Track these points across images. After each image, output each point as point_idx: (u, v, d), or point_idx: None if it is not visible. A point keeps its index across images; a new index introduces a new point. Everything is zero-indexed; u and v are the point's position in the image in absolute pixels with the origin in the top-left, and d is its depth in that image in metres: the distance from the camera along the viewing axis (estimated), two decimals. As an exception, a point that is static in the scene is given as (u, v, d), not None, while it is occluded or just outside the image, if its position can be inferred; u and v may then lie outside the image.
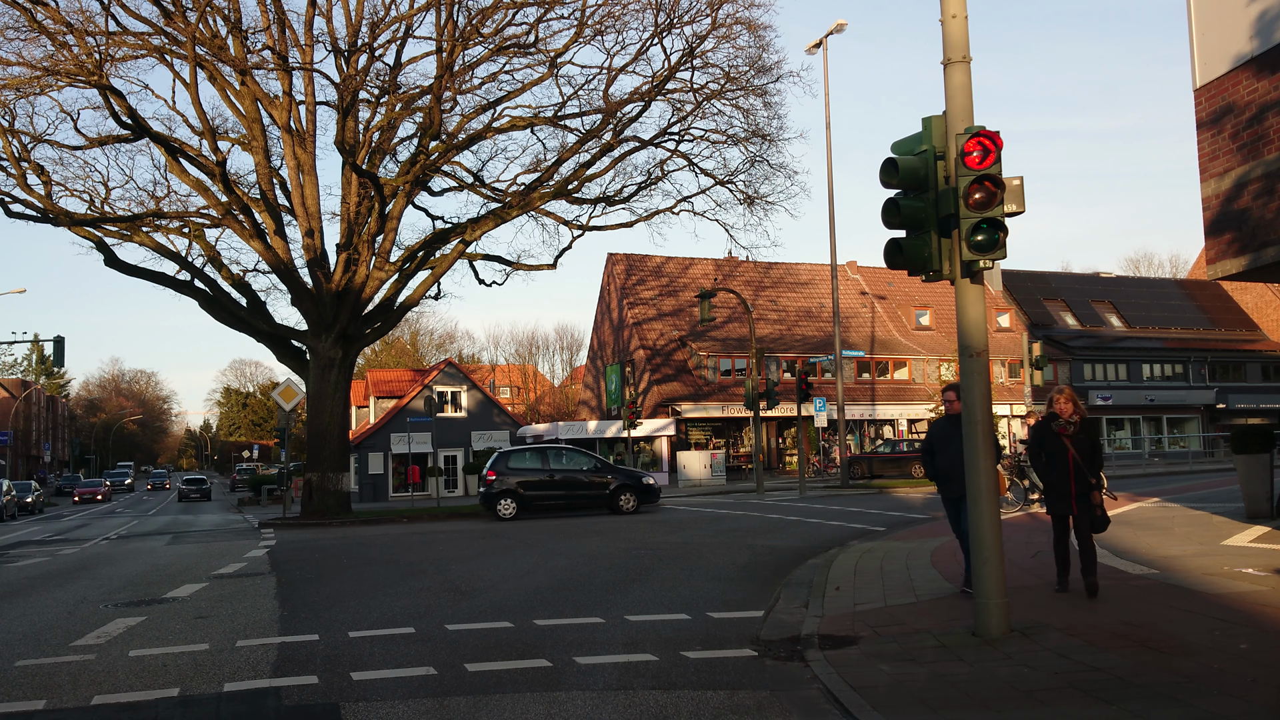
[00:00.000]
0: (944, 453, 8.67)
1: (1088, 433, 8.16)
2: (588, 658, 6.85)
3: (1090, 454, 8.10)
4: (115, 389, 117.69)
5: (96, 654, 7.64)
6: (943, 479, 8.96)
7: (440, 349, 74.74)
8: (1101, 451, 8.26)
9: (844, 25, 32.07)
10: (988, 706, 5.23)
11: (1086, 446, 8.12)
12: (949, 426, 8.57)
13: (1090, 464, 8.09)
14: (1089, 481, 8.03)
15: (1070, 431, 8.15)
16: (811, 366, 40.18)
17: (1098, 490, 8.10)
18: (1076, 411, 8.18)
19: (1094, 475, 8.07)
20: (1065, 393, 8.30)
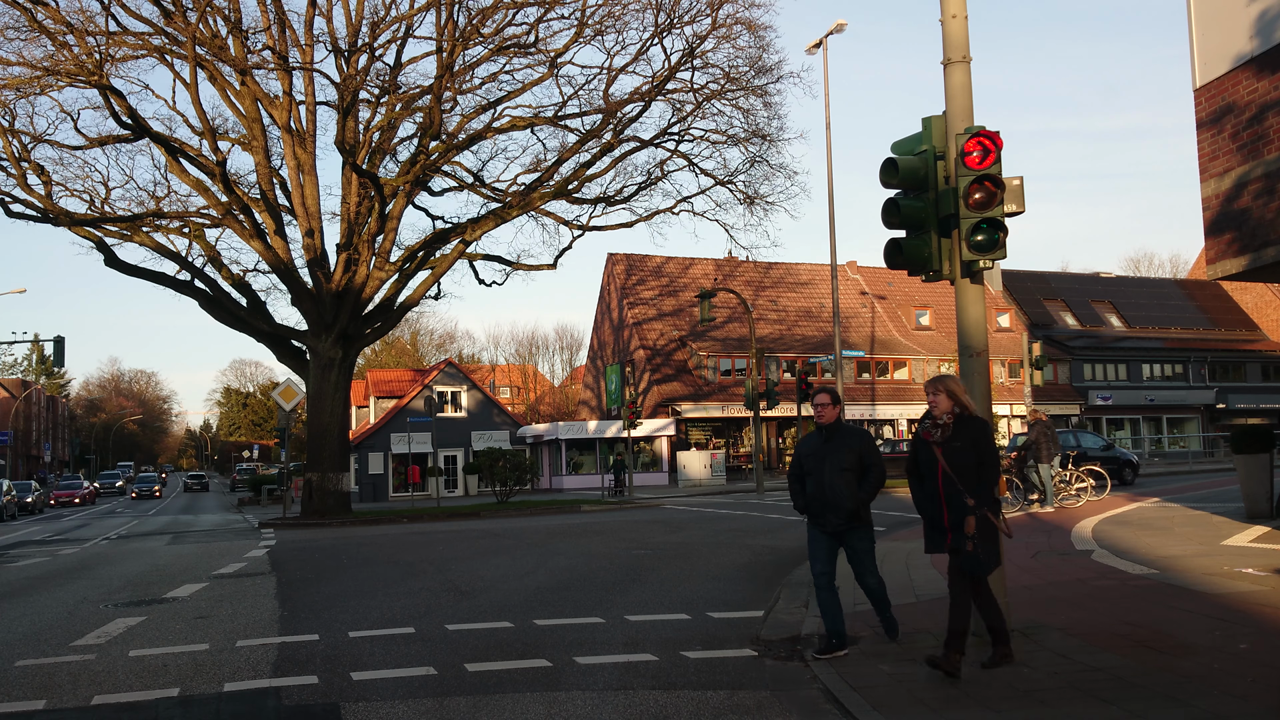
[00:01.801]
0: (815, 475, 6.76)
1: (967, 437, 6.03)
2: (588, 658, 6.84)
3: (973, 466, 6.00)
4: (115, 389, 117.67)
5: (96, 654, 7.64)
6: (814, 509, 6.81)
7: (440, 349, 74.76)
8: (993, 462, 6.05)
9: (844, 25, 32.00)
10: (988, 706, 5.23)
11: (965, 456, 5.99)
12: (819, 442, 6.85)
13: (970, 479, 5.97)
14: (964, 503, 5.90)
15: (938, 436, 6.08)
16: (811, 366, 40.18)
17: (973, 515, 5.90)
18: (956, 407, 6.15)
19: (973, 494, 5.93)
20: (943, 385, 6.17)
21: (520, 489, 32.71)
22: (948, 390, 6.14)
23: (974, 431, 6.08)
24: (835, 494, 6.61)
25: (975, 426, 6.12)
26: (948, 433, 6.09)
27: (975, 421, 6.15)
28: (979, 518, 5.91)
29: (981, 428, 6.17)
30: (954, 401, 6.13)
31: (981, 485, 5.99)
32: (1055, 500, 17.21)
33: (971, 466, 5.98)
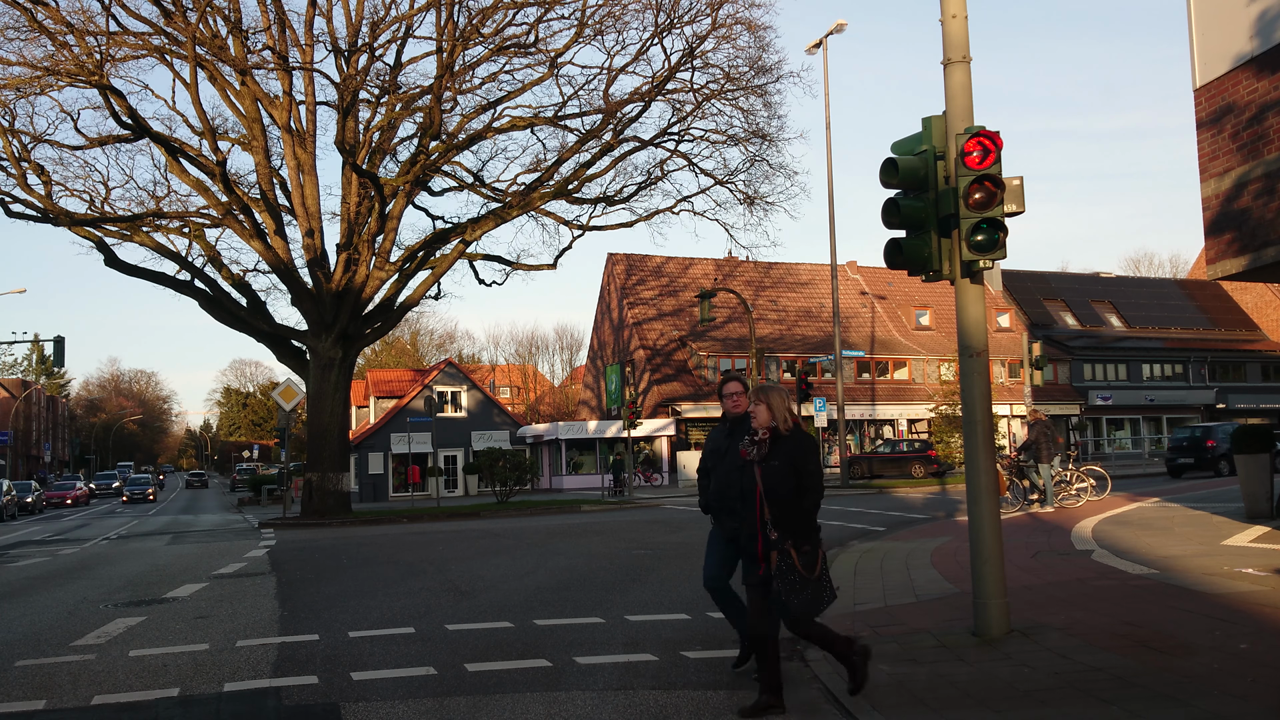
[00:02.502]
0: (718, 471, 6.29)
1: (784, 456, 5.27)
2: (588, 658, 6.85)
3: (789, 491, 5.23)
4: (115, 389, 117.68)
5: (96, 654, 7.64)
6: (715, 507, 6.45)
7: (440, 349, 74.79)
8: (813, 486, 5.30)
9: (844, 25, 32.05)
10: (988, 706, 5.23)
11: (781, 479, 5.23)
12: (722, 437, 6.33)
13: (781, 506, 5.21)
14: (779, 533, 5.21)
15: (754, 455, 5.35)
16: (811, 366, 40.17)
17: (776, 549, 5.19)
18: (774, 417, 5.37)
19: (778, 524, 5.20)
20: (764, 394, 5.42)
21: (520, 489, 32.71)
22: (768, 401, 5.38)
23: (792, 449, 5.29)
24: (732, 494, 5.86)
25: (794, 444, 5.31)
26: (764, 450, 5.33)
27: (796, 438, 5.35)
28: (781, 553, 5.18)
29: (802, 445, 5.34)
30: (773, 415, 5.36)
31: (792, 514, 5.23)
32: (1055, 500, 17.21)
33: (788, 491, 5.22)
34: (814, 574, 5.21)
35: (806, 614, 5.24)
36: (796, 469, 5.26)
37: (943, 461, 36.15)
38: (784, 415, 5.38)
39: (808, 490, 5.29)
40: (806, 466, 5.30)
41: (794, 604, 5.17)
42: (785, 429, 5.36)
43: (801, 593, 5.18)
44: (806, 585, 5.19)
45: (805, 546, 5.23)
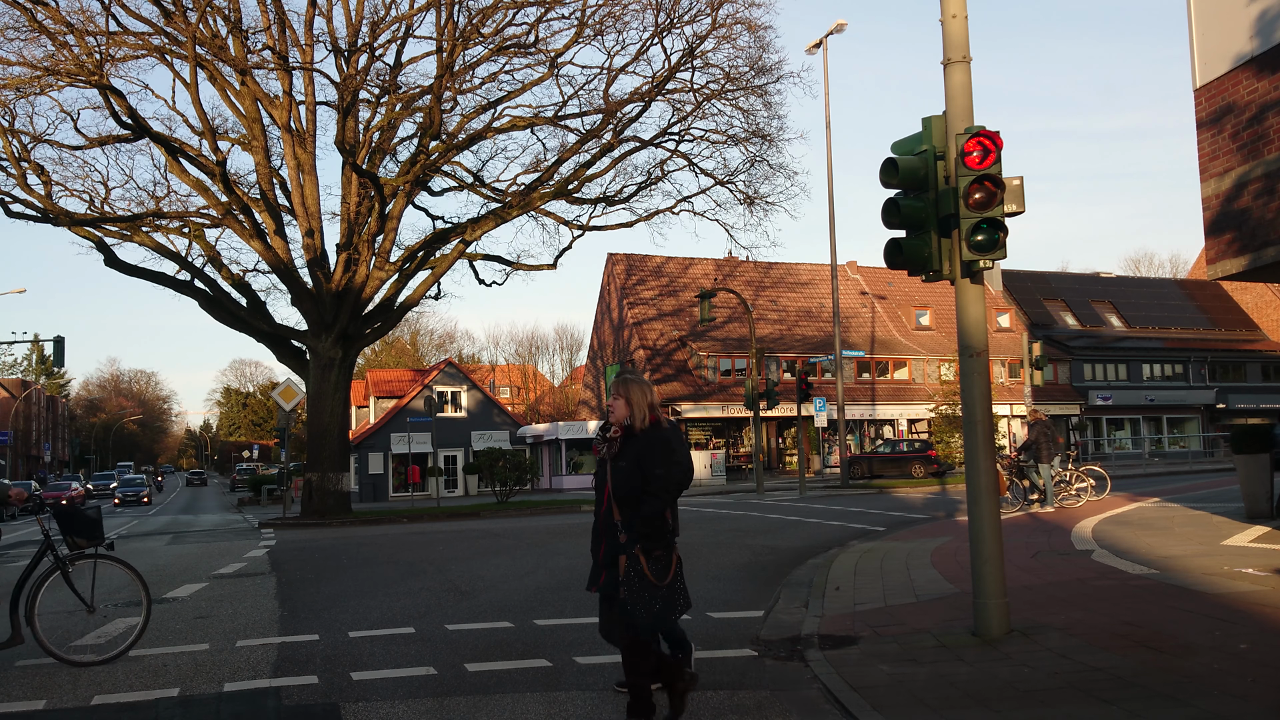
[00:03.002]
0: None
1: (632, 454, 4.98)
2: (588, 658, 6.84)
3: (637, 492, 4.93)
4: (115, 389, 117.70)
5: (96, 654, 7.63)
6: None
7: (440, 349, 74.81)
8: (661, 489, 4.92)
9: (844, 25, 32.07)
10: (988, 706, 5.23)
11: (630, 479, 4.95)
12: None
13: (631, 508, 4.93)
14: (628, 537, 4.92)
15: (604, 451, 5.11)
16: (811, 366, 40.19)
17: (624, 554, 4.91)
18: (632, 412, 5.07)
19: (628, 527, 4.91)
20: (624, 387, 5.14)
21: (520, 489, 32.70)
22: (626, 395, 5.07)
23: (642, 448, 4.95)
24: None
25: (646, 441, 4.98)
26: (614, 449, 5.04)
27: (647, 436, 5.01)
28: (629, 558, 4.87)
29: (651, 444, 4.98)
30: (631, 410, 5.04)
31: (639, 517, 4.87)
32: (1055, 500, 17.21)
33: (635, 493, 4.90)
34: (664, 581, 4.92)
35: (655, 625, 4.94)
36: (642, 468, 4.93)
37: (943, 461, 36.16)
38: (643, 411, 5.06)
39: (650, 494, 4.91)
40: (652, 468, 4.93)
41: (640, 614, 4.87)
42: (641, 426, 5.04)
43: (650, 602, 4.88)
44: (656, 594, 4.89)
45: (656, 552, 4.91)
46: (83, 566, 7.41)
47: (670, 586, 4.96)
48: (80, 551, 7.35)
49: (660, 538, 4.94)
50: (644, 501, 4.89)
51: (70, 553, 7.34)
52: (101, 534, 7.42)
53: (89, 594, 7.39)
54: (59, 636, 8.25)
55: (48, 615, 9.87)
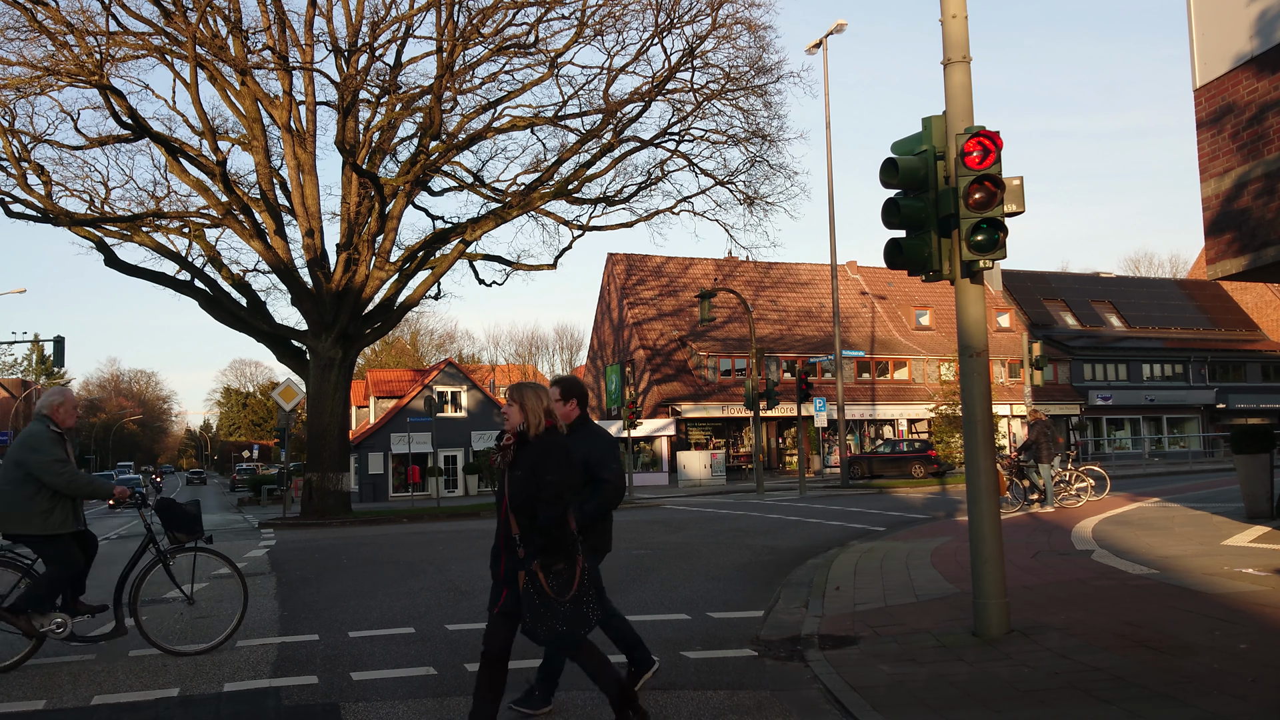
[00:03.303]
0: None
1: (527, 463, 4.78)
2: (588, 658, 6.84)
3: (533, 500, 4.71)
4: (115, 389, 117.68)
5: (96, 654, 7.65)
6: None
7: (440, 349, 74.78)
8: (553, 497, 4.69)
9: (844, 25, 32.09)
10: (988, 706, 5.23)
11: (525, 488, 4.75)
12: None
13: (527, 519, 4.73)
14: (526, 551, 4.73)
15: (499, 461, 4.90)
16: (811, 366, 40.20)
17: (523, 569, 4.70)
18: (526, 419, 4.86)
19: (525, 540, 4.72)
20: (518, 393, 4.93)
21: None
22: (521, 401, 4.89)
23: (536, 455, 4.76)
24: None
25: (540, 448, 4.79)
26: (508, 456, 4.84)
27: (540, 443, 4.82)
28: (528, 574, 4.68)
29: (546, 451, 4.79)
30: (525, 416, 4.85)
31: (537, 527, 4.66)
32: (1055, 500, 17.21)
33: (531, 502, 4.71)
34: (567, 597, 4.69)
35: (559, 644, 4.75)
36: (537, 477, 4.72)
37: (943, 461, 36.17)
38: (538, 417, 4.87)
39: (543, 502, 4.68)
40: (544, 476, 4.70)
41: (541, 633, 4.68)
42: (535, 432, 4.85)
43: (551, 620, 4.66)
44: (558, 612, 4.67)
45: (557, 565, 4.69)
46: (183, 560, 7.66)
47: (575, 601, 4.72)
48: (180, 545, 7.57)
49: (560, 550, 4.72)
50: (539, 511, 4.68)
51: (171, 546, 7.57)
52: (201, 528, 7.65)
53: (189, 586, 7.68)
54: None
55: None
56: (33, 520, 7.05)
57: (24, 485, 7.02)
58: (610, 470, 5.48)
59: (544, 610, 4.66)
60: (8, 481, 7.05)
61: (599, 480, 5.43)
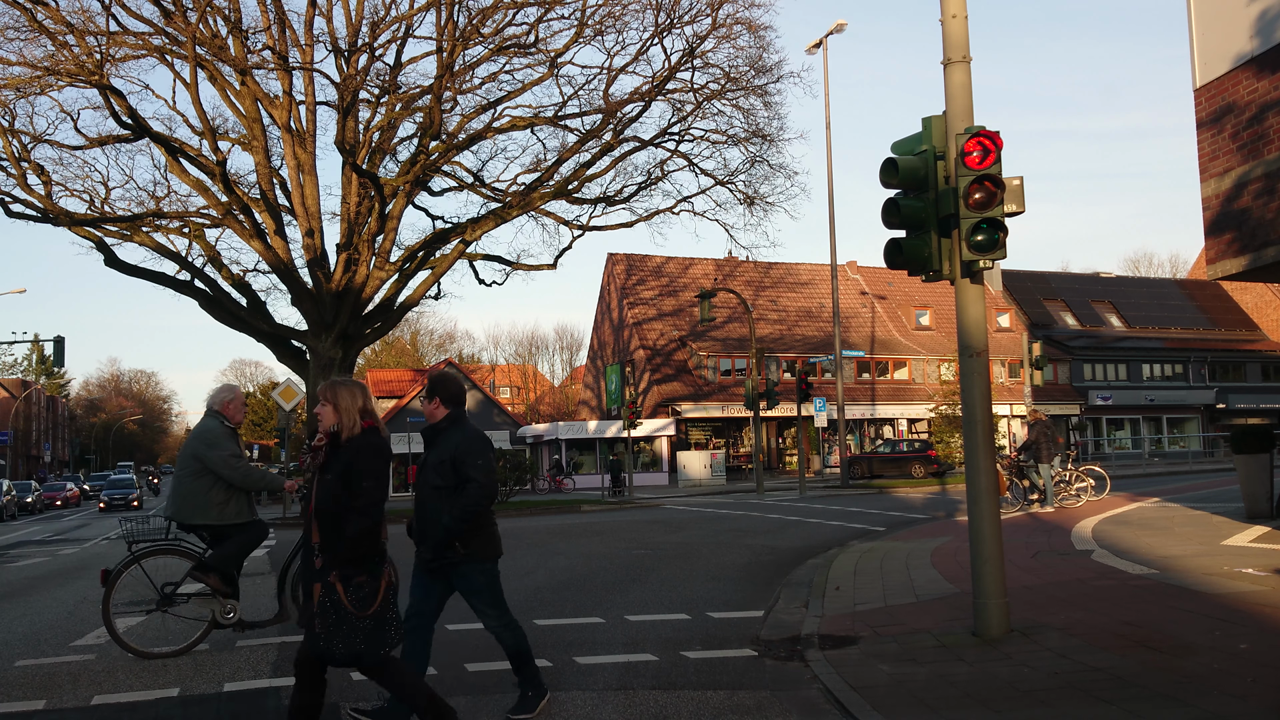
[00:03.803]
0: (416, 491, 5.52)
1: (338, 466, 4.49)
2: (588, 658, 6.84)
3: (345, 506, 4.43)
4: (115, 389, 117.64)
5: (96, 654, 7.64)
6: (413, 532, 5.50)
7: (440, 349, 74.81)
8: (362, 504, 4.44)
9: (844, 25, 32.11)
10: (988, 706, 5.23)
11: (332, 491, 4.45)
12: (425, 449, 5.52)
13: (331, 527, 4.42)
14: (325, 561, 4.43)
15: (308, 464, 4.66)
16: (811, 366, 40.18)
17: (319, 580, 4.41)
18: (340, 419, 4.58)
19: (325, 549, 4.42)
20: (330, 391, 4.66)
21: (520, 489, 32.69)
22: (334, 400, 4.58)
23: (350, 458, 4.46)
24: (424, 516, 5.24)
25: (355, 450, 4.48)
26: (318, 459, 4.56)
27: (354, 446, 4.50)
28: (324, 585, 4.36)
29: (360, 454, 4.48)
30: (339, 417, 4.55)
31: (344, 537, 4.35)
32: (1055, 500, 17.21)
33: (338, 508, 4.40)
34: (367, 612, 4.39)
35: (356, 662, 4.45)
36: (346, 482, 4.41)
37: (943, 461, 36.18)
38: (352, 418, 4.54)
39: (353, 510, 4.38)
40: (356, 482, 4.41)
41: (337, 650, 4.36)
42: (348, 434, 4.54)
43: (349, 636, 4.35)
44: (356, 627, 4.36)
45: (359, 578, 4.38)
46: None
47: (377, 617, 4.43)
48: None
49: (366, 562, 4.42)
50: (348, 520, 4.36)
51: None
52: None
53: None
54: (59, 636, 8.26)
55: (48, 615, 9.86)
56: (209, 512, 7.39)
57: (200, 478, 7.38)
58: (477, 469, 5.14)
59: (340, 626, 4.35)
60: (184, 475, 7.41)
61: (466, 480, 5.13)
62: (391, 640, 4.51)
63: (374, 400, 4.78)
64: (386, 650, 4.50)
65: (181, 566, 7.59)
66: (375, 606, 4.42)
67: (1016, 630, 6.84)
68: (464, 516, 5.13)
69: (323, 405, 4.63)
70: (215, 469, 7.31)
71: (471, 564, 5.29)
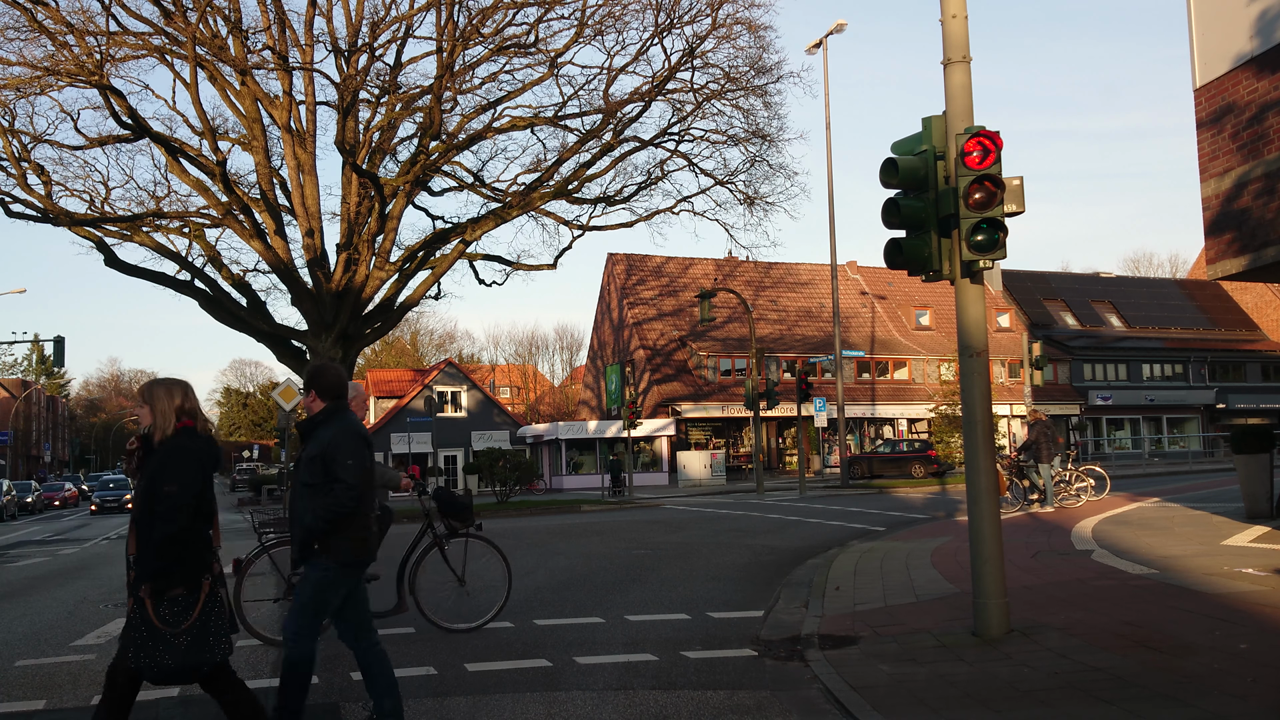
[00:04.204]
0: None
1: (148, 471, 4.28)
2: (588, 658, 6.84)
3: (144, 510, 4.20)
4: (115, 389, 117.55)
5: (96, 654, 7.64)
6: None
7: (440, 349, 74.81)
8: (165, 511, 4.15)
9: (844, 25, 32.11)
10: (988, 706, 5.23)
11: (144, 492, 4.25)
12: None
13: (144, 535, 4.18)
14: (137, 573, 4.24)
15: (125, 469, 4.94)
16: (811, 366, 40.19)
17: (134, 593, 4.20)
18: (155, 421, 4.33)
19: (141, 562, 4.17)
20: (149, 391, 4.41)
21: (520, 489, 32.69)
22: (150, 401, 4.34)
23: (159, 462, 4.21)
24: (293, 514, 5.00)
25: (164, 454, 4.24)
26: (132, 464, 4.35)
27: (164, 450, 4.26)
28: (136, 600, 4.16)
29: (172, 455, 4.24)
30: (155, 416, 4.31)
31: (151, 545, 4.11)
32: (1055, 500, 17.21)
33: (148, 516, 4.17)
34: (181, 627, 4.14)
35: (167, 679, 4.20)
36: (154, 487, 4.17)
37: (943, 461, 36.19)
38: (167, 419, 4.29)
39: (158, 517, 4.12)
40: (161, 486, 4.16)
41: (145, 664, 4.12)
42: (161, 436, 4.30)
43: (160, 653, 4.11)
44: (169, 644, 4.11)
45: (175, 591, 4.16)
46: (455, 545, 8.16)
47: (194, 631, 4.17)
48: (454, 531, 8.10)
49: (176, 574, 4.16)
50: (154, 526, 4.11)
51: (446, 532, 8.08)
52: (472, 517, 8.17)
53: (460, 569, 8.11)
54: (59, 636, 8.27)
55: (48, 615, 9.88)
56: None
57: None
58: (344, 468, 4.81)
59: (149, 642, 4.10)
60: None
61: (334, 480, 4.82)
62: (216, 654, 4.26)
63: (197, 399, 4.49)
64: (205, 668, 4.23)
65: None
66: (192, 620, 4.16)
67: (1016, 630, 6.84)
68: (325, 518, 4.82)
69: (140, 406, 4.39)
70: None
71: (319, 562, 4.93)
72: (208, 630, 4.23)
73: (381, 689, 5.08)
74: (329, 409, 5.03)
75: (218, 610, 4.31)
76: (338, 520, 4.84)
